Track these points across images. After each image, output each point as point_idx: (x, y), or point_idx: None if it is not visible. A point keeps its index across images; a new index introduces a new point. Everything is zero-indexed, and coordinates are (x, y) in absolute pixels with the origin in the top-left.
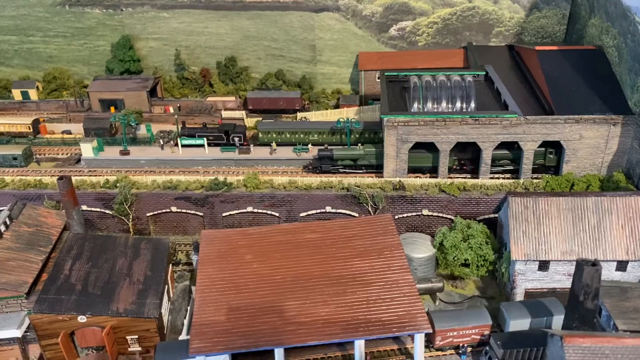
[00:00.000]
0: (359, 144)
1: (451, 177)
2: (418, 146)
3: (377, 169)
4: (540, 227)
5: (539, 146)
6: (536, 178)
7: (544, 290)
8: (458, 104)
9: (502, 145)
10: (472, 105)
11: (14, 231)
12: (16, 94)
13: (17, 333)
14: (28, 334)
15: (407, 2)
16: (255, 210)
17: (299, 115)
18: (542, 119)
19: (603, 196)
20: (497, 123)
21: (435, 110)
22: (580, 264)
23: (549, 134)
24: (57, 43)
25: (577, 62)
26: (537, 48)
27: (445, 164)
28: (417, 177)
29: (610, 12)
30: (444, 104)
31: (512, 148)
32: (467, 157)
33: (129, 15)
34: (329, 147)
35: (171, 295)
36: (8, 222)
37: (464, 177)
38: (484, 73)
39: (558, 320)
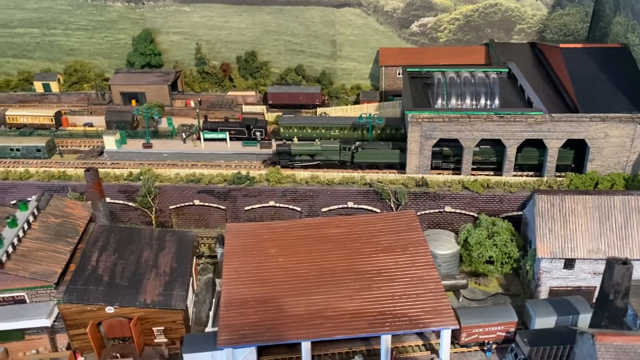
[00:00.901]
0: (317, 140)
1: (474, 174)
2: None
3: (340, 164)
4: (567, 225)
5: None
6: (559, 176)
7: (569, 288)
8: (482, 101)
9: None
10: (497, 102)
11: (42, 222)
12: (38, 86)
13: (47, 322)
14: (56, 323)
15: None
16: (277, 205)
17: (319, 110)
18: (568, 116)
19: (630, 195)
20: (522, 120)
21: (459, 106)
22: (612, 262)
23: (574, 132)
24: (78, 36)
25: (602, 60)
26: (562, 46)
27: (468, 161)
28: (439, 173)
29: (637, 10)
30: (467, 101)
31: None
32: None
33: (150, 9)
34: (287, 142)
35: (195, 287)
36: (36, 213)
37: (488, 174)
38: (507, 70)
39: (584, 319)
